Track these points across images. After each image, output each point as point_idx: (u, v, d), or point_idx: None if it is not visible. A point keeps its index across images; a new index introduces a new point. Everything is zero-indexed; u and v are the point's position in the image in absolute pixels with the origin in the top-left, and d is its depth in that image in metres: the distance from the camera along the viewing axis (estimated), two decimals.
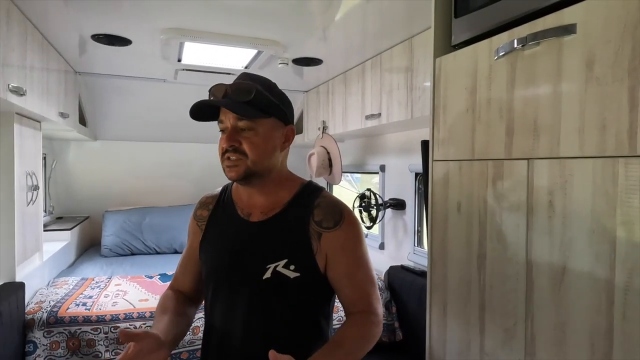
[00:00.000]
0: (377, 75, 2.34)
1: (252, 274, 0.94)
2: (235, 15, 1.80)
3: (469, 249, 0.99)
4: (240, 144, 0.91)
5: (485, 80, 0.95)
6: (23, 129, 2.01)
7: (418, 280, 2.36)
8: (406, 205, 2.67)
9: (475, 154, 0.97)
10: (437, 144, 1.10)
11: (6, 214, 1.88)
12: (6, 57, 1.55)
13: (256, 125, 0.92)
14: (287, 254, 0.93)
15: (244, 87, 0.92)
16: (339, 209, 0.98)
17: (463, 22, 1.05)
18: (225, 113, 0.92)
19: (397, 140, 2.78)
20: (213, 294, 1.00)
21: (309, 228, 0.95)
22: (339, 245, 0.95)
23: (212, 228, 1.04)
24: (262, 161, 0.94)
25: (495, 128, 0.92)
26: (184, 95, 3.32)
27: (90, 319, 2.00)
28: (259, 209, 0.99)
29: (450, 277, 1.07)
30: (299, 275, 0.92)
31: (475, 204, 0.97)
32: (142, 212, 3.56)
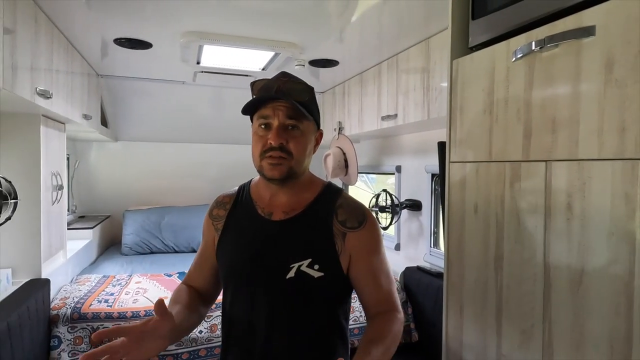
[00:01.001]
0: (393, 76, 2.34)
1: (275, 273, 0.94)
2: (253, 18, 1.83)
3: (486, 250, 0.99)
4: (287, 143, 0.92)
5: (502, 82, 0.95)
6: (48, 130, 2.08)
7: (434, 281, 2.36)
8: (422, 206, 2.66)
9: (493, 155, 0.97)
10: (454, 145, 1.11)
11: (33, 213, 1.95)
12: (34, 62, 1.61)
13: (302, 125, 0.94)
14: (311, 253, 0.93)
15: (302, 87, 0.95)
16: (362, 210, 0.99)
17: (480, 24, 1.06)
18: (274, 109, 0.92)
19: (413, 141, 2.77)
20: (233, 293, 1.00)
21: (332, 228, 0.95)
22: (363, 245, 0.95)
23: (230, 227, 1.04)
24: (303, 162, 0.96)
25: (513, 130, 0.92)
26: (202, 97, 3.40)
27: (112, 316, 2.06)
28: (281, 209, 0.99)
29: (467, 278, 1.07)
30: (323, 275, 0.92)
31: (492, 205, 0.97)
32: (161, 211, 3.63)
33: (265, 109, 0.94)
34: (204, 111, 3.58)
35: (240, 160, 3.96)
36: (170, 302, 1.01)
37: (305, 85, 0.98)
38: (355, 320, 2.31)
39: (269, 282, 0.95)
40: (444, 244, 1.15)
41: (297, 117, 0.93)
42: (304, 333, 0.95)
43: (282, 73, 0.99)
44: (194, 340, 2.11)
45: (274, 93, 0.93)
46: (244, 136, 4.05)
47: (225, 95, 3.37)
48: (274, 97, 0.93)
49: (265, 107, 0.94)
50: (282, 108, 0.92)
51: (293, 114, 0.93)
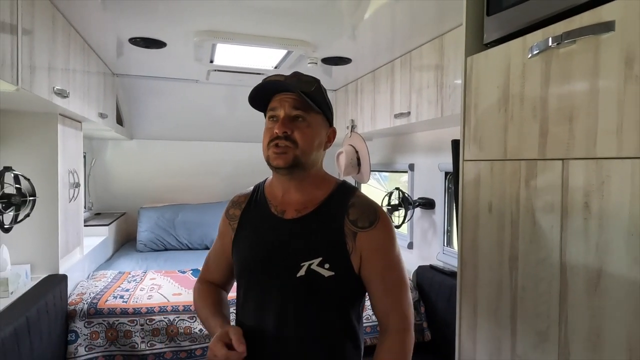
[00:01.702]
0: (406, 73, 2.32)
1: (286, 271, 0.94)
2: (266, 16, 1.84)
3: (501, 250, 0.98)
4: (292, 132, 0.93)
5: (518, 79, 0.93)
6: (65, 129, 2.12)
7: (447, 280, 2.34)
8: (435, 204, 2.64)
9: (508, 153, 0.96)
10: (468, 143, 1.09)
11: (50, 210, 1.99)
12: (52, 62, 1.64)
13: (309, 117, 0.95)
14: (322, 252, 0.93)
15: (307, 79, 0.97)
16: (374, 209, 0.98)
17: (495, 21, 1.04)
18: (280, 101, 0.95)
19: (426, 139, 2.75)
20: (245, 291, 1.01)
21: (344, 227, 0.95)
22: (373, 245, 0.95)
23: (244, 226, 1.05)
24: (310, 153, 0.96)
25: (529, 127, 0.90)
26: (215, 95, 3.43)
27: (127, 311, 2.09)
28: (293, 207, 0.99)
29: (481, 278, 1.06)
30: (333, 274, 0.92)
31: (507, 204, 0.96)
32: (175, 209, 3.67)
33: (273, 102, 0.96)
34: (217, 110, 3.61)
35: (253, 158, 3.97)
36: (210, 301, 1.07)
37: (313, 78, 0.99)
38: (368, 319, 2.31)
39: (279, 280, 0.96)
40: (458, 243, 1.13)
41: (303, 108, 0.94)
42: (313, 332, 0.95)
43: (294, 73, 1.00)
44: (208, 336, 2.13)
45: (279, 84, 0.95)
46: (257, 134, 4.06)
47: (238, 93, 3.39)
48: (277, 88, 0.95)
49: (273, 101, 0.96)
50: (289, 99, 0.94)
51: (299, 105, 0.94)
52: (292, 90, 0.94)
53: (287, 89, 0.95)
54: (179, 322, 2.12)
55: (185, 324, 2.12)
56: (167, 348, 2.09)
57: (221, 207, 3.77)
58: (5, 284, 1.75)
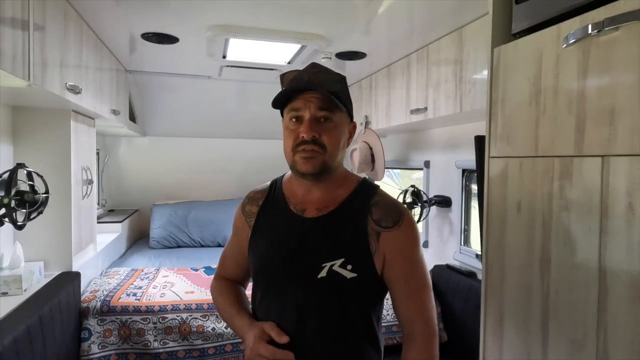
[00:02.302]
0: (423, 68, 2.26)
1: (307, 272, 0.91)
2: (279, 10, 1.79)
3: (531, 252, 0.92)
4: (320, 136, 0.89)
5: (551, 70, 0.87)
6: (78, 125, 2.11)
7: (464, 280, 2.28)
8: (452, 202, 2.58)
9: (539, 150, 0.90)
10: (495, 139, 1.04)
11: (64, 207, 1.98)
12: (64, 57, 1.62)
13: (335, 117, 0.91)
14: (344, 253, 0.90)
15: (333, 77, 0.92)
16: (398, 209, 0.95)
17: (525, 8, 0.98)
18: (305, 101, 0.89)
19: (442, 136, 2.68)
20: (263, 291, 0.98)
21: (367, 227, 0.92)
22: (397, 246, 0.91)
23: (262, 224, 1.01)
24: (337, 155, 0.93)
25: (563, 122, 0.84)
26: (228, 91, 3.40)
27: (140, 309, 2.07)
28: (314, 205, 0.96)
29: (508, 281, 1.00)
30: (355, 276, 0.89)
31: (538, 204, 0.90)
32: (187, 206, 3.66)
33: (296, 101, 0.90)
34: (229, 106, 3.59)
35: (265, 155, 3.99)
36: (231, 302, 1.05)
37: (337, 75, 0.94)
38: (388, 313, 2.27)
39: (300, 280, 0.92)
40: (483, 244, 1.08)
41: (329, 108, 0.89)
42: (334, 334, 0.92)
43: (312, 64, 0.96)
44: (220, 335, 2.11)
45: (305, 84, 0.90)
46: (270, 131, 4.07)
47: (250, 90, 3.36)
48: (305, 89, 0.89)
49: (296, 100, 0.90)
50: (314, 99, 0.89)
51: (325, 105, 0.89)
52: (320, 91, 0.88)
53: (313, 88, 0.89)
54: (192, 320, 2.10)
55: (198, 323, 2.10)
56: (180, 347, 2.07)
57: (233, 204, 3.78)
58: (19, 281, 1.75)
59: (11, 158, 1.92)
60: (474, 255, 2.34)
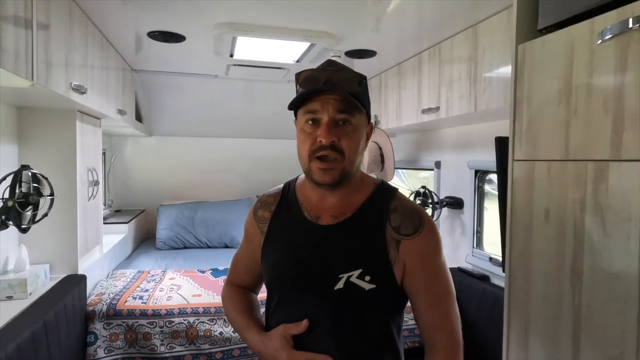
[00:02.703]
0: (435, 66, 2.20)
1: (323, 283, 0.86)
2: (288, 7, 1.74)
3: (560, 262, 0.87)
4: (339, 140, 0.83)
5: (584, 67, 0.82)
6: (84, 126, 2.07)
7: (478, 284, 2.22)
8: (464, 204, 2.52)
9: (570, 153, 0.85)
10: (519, 141, 0.98)
11: (69, 209, 1.94)
12: (69, 57, 1.58)
13: (354, 119, 0.85)
14: (362, 263, 0.85)
15: (351, 75, 0.86)
16: (418, 214, 0.89)
17: (552, 3, 0.92)
18: (323, 102, 0.83)
19: (453, 135, 2.62)
20: (278, 303, 0.94)
21: (385, 235, 0.87)
22: (418, 254, 0.86)
23: (275, 230, 0.97)
24: (356, 160, 0.87)
25: (598, 123, 0.79)
26: (234, 91, 3.36)
27: (146, 313, 2.04)
28: (329, 212, 0.91)
29: (535, 292, 0.95)
30: (374, 287, 0.84)
31: (569, 211, 0.85)
32: (194, 206, 3.63)
33: (312, 102, 0.84)
34: (236, 105, 3.54)
35: (273, 155, 3.95)
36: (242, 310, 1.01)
37: (356, 73, 0.88)
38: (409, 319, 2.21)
39: (315, 292, 0.88)
40: (506, 252, 1.02)
41: (349, 110, 0.84)
42: (352, 347, 0.87)
43: (329, 61, 0.90)
44: (228, 339, 2.07)
45: (323, 85, 0.84)
46: (277, 130, 4.01)
47: (257, 88, 3.32)
48: (323, 90, 0.83)
49: (312, 101, 0.85)
50: (332, 101, 0.83)
51: (344, 107, 0.83)
52: (338, 93, 0.83)
53: (334, 90, 0.83)
54: (199, 324, 2.06)
55: (205, 327, 2.06)
56: (187, 351, 2.03)
57: (240, 204, 3.75)
58: (23, 285, 1.72)
59: (16, 159, 1.89)
60: (487, 258, 2.28)
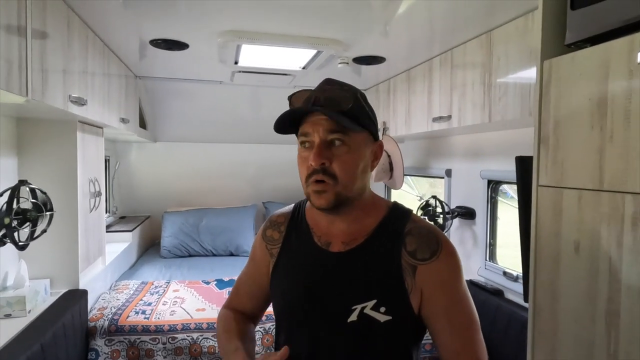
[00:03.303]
0: (446, 73, 2.12)
1: (335, 315, 0.81)
2: (294, 14, 1.68)
3: (593, 302, 0.79)
4: (330, 163, 0.78)
5: (623, 89, 0.74)
6: (86, 136, 2.02)
7: (491, 299, 2.14)
8: (476, 214, 2.43)
9: (605, 183, 0.77)
10: (545, 165, 0.90)
11: (70, 223, 1.89)
12: (68, 68, 1.53)
13: (349, 139, 0.79)
14: (377, 293, 0.79)
15: (340, 95, 0.80)
16: (435, 236, 0.82)
17: (583, 16, 0.84)
18: (314, 124, 0.79)
19: (465, 143, 2.53)
20: (287, 336, 0.88)
21: (400, 261, 0.81)
22: (436, 280, 0.80)
23: (285, 257, 0.91)
24: (354, 184, 0.81)
25: (639, 152, 0.71)
26: (240, 96, 3.30)
27: (149, 329, 1.98)
28: (340, 238, 0.85)
29: (563, 333, 0.87)
30: (390, 319, 0.78)
31: (603, 246, 0.77)
32: (199, 213, 3.58)
33: (305, 125, 0.80)
34: (241, 111, 3.49)
35: (278, 160, 3.89)
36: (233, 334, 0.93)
37: (351, 89, 0.82)
38: None
39: (328, 325, 0.82)
40: (530, 284, 0.95)
41: (342, 130, 0.78)
42: None
43: (326, 80, 0.84)
44: None
45: (312, 105, 0.79)
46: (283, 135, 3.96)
47: (263, 94, 3.26)
48: (308, 110, 0.79)
49: (305, 124, 0.80)
50: (323, 121, 0.78)
51: (337, 127, 0.78)
52: (327, 115, 0.77)
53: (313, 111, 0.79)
54: (203, 340, 2.00)
55: (209, 343, 2.00)
56: None
57: (245, 211, 3.69)
58: (22, 303, 1.67)
59: (16, 171, 1.84)
60: (501, 272, 2.20)
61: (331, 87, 0.82)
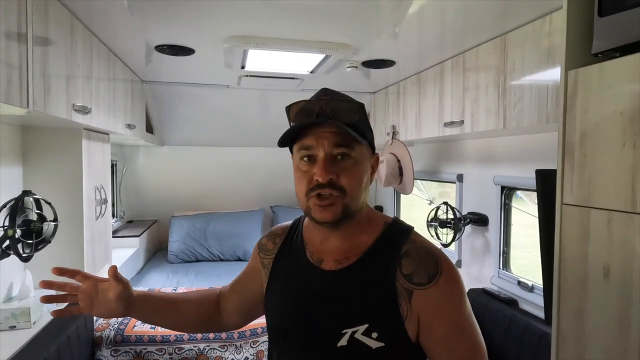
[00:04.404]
0: (459, 77, 2.06)
1: (325, 338, 0.76)
2: (302, 18, 1.63)
3: (625, 333, 0.73)
4: (337, 177, 0.74)
5: None
6: (91, 143, 1.99)
7: (505, 309, 2.07)
8: (489, 221, 2.37)
9: (639, 205, 0.71)
10: (571, 182, 0.85)
11: (75, 232, 1.86)
12: (71, 75, 1.50)
13: (354, 152, 0.76)
14: (368, 317, 0.74)
15: (347, 107, 0.77)
16: (434, 259, 0.77)
17: (612, 23, 0.79)
18: (317, 137, 0.75)
19: (477, 147, 2.47)
20: (280, 352, 0.85)
21: (395, 284, 0.75)
22: (434, 307, 0.74)
23: (277, 272, 0.89)
24: (359, 197, 0.78)
25: None
26: (247, 100, 3.26)
27: (155, 339, 1.95)
28: (333, 256, 0.82)
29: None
30: (382, 346, 0.73)
31: (636, 272, 0.71)
32: (206, 218, 3.55)
33: (306, 138, 0.76)
34: (249, 114, 3.45)
35: (287, 163, 3.80)
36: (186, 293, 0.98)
37: (355, 102, 0.79)
38: None
39: (317, 348, 0.78)
40: (554, 308, 0.89)
41: (347, 143, 0.75)
42: None
43: (323, 90, 0.81)
44: None
45: (316, 117, 0.75)
46: None
47: (270, 97, 3.22)
48: (316, 123, 0.75)
49: (306, 136, 0.76)
50: (328, 135, 0.74)
51: (342, 140, 0.75)
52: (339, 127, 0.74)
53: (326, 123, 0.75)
54: (210, 351, 1.97)
55: (216, 354, 1.97)
56: None
57: (253, 215, 3.65)
58: (27, 314, 1.64)
59: (21, 180, 1.82)
60: (516, 281, 2.14)
61: (333, 98, 0.78)
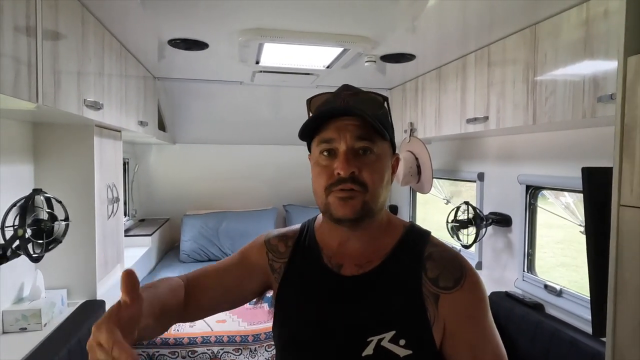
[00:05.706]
0: (483, 71, 1.97)
1: (348, 348, 0.71)
2: (318, 10, 1.56)
3: None
4: (359, 172, 0.70)
5: None
6: (103, 140, 1.95)
7: (531, 314, 1.98)
8: (512, 221, 2.27)
9: None
10: (628, 182, 0.76)
11: (87, 231, 1.82)
12: (82, 70, 1.45)
13: (377, 147, 0.72)
14: (396, 323, 0.70)
15: (373, 98, 0.74)
16: (458, 262, 0.74)
17: None
18: (339, 129, 0.71)
19: (499, 144, 2.37)
20: None
21: (422, 288, 0.71)
22: (461, 312, 0.71)
23: (291, 278, 0.81)
24: (380, 195, 0.73)
25: None
26: (260, 97, 3.20)
27: (168, 342, 1.91)
28: (353, 260, 0.76)
29: None
30: (410, 353, 0.69)
31: None
32: (218, 216, 3.51)
33: (327, 130, 0.72)
34: (262, 112, 3.39)
35: (300, 161, 3.73)
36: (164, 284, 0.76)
37: (379, 95, 0.75)
38: None
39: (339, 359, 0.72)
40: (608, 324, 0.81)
41: (370, 137, 0.71)
42: None
43: (344, 86, 0.76)
44: None
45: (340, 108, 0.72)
46: None
47: (284, 94, 3.16)
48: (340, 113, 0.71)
49: (327, 129, 0.71)
50: (350, 127, 0.70)
51: (365, 133, 0.71)
52: (358, 114, 0.70)
53: (350, 112, 0.70)
54: (224, 354, 1.91)
55: (230, 357, 1.91)
56: None
57: (266, 214, 3.59)
58: (38, 316, 1.60)
59: (32, 178, 1.78)
60: (542, 285, 2.04)
61: (354, 92, 0.74)
